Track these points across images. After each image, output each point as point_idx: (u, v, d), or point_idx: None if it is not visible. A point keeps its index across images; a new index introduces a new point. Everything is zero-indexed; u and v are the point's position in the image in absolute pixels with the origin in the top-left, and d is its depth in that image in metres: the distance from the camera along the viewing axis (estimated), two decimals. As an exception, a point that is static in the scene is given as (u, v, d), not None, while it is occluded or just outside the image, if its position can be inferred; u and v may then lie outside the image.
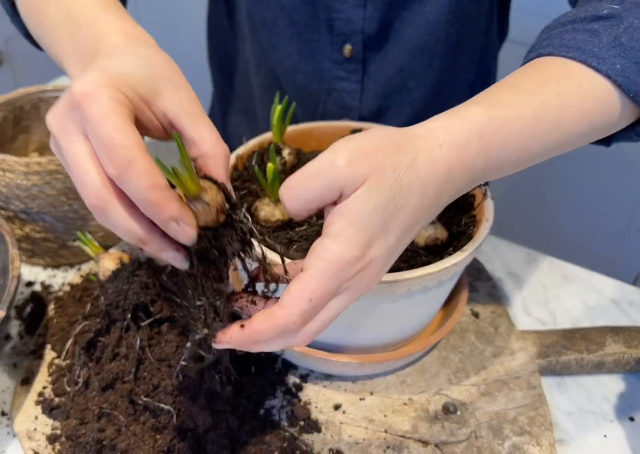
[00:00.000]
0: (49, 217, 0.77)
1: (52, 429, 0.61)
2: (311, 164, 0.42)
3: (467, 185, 0.47)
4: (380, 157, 0.41)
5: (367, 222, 0.41)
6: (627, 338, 0.72)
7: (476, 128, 0.45)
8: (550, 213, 1.81)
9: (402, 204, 0.42)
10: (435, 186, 0.44)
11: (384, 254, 0.43)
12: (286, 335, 0.42)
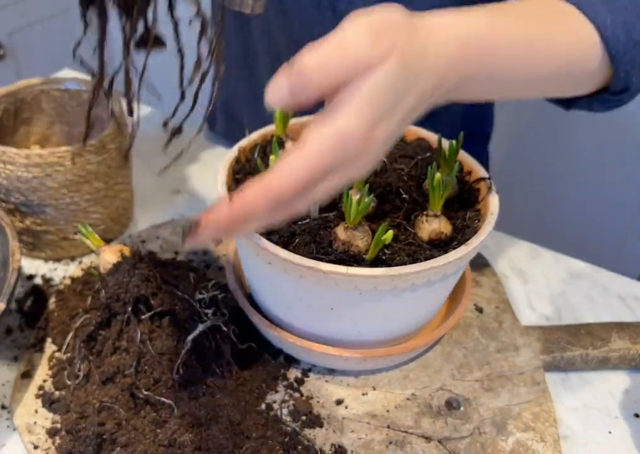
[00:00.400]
0: (50, 210, 0.77)
1: (52, 422, 0.61)
2: (342, 37, 0.39)
3: (452, 90, 0.46)
4: (402, 37, 0.40)
5: (381, 99, 0.40)
6: (632, 334, 0.71)
7: (477, 33, 0.46)
8: (554, 208, 1.80)
9: (410, 89, 0.42)
10: (436, 78, 0.44)
11: (385, 136, 0.42)
12: (279, 205, 0.40)
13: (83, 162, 0.75)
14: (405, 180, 0.68)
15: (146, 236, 0.83)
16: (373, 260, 0.58)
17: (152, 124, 1.12)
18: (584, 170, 1.70)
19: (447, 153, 0.65)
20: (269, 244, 0.57)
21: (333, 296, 0.58)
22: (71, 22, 2.12)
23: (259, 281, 0.64)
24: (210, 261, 0.79)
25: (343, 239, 0.58)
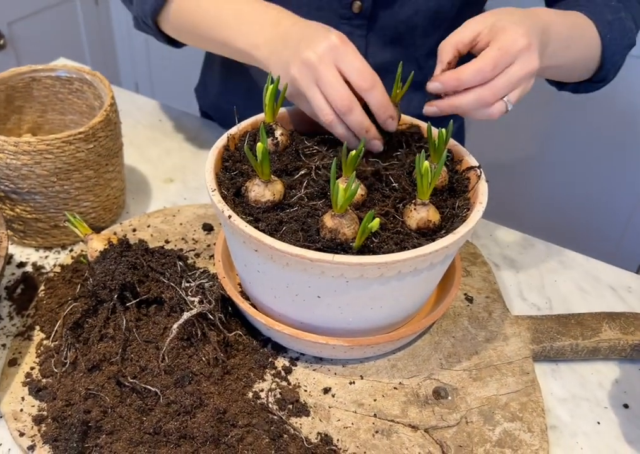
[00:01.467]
0: (40, 198, 0.77)
1: (38, 410, 0.61)
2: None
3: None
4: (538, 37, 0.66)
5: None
6: (623, 325, 0.71)
7: (563, 37, 0.71)
8: (552, 202, 1.79)
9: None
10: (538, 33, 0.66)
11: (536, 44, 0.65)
12: (483, 76, 0.62)
13: (73, 150, 0.74)
14: (395, 169, 0.68)
15: (137, 224, 0.83)
16: (360, 248, 0.58)
17: (145, 113, 1.12)
18: (583, 160, 1.69)
19: (436, 142, 0.64)
20: (255, 232, 0.57)
21: (320, 284, 0.58)
22: (70, 12, 2.11)
23: (247, 269, 0.64)
24: (200, 250, 0.79)
25: (330, 227, 0.58)
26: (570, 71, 0.77)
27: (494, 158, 1.58)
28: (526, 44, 0.63)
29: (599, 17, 0.75)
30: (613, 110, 1.55)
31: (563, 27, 0.71)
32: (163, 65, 2.31)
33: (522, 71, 0.63)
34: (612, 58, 0.77)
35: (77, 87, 0.89)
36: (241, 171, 0.67)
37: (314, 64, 0.64)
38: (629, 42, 0.77)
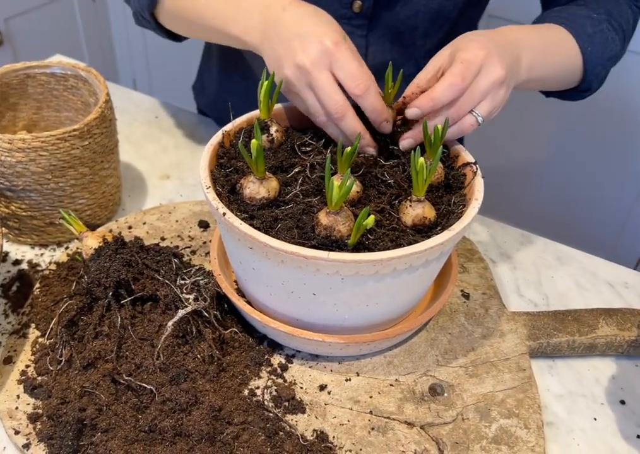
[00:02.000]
0: (35, 195, 0.76)
1: (33, 408, 0.60)
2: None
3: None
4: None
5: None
6: (620, 321, 0.71)
7: (537, 54, 0.72)
8: (550, 198, 1.79)
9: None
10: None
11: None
12: (455, 89, 0.62)
13: (67, 148, 0.74)
14: (392, 165, 0.68)
15: (132, 221, 0.82)
16: (356, 245, 0.58)
17: (141, 110, 1.11)
18: (581, 156, 1.69)
19: (432, 138, 0.64)
20: (250, 229, 0.56)
21: (315, 281, 0.57)
22: (68, 8, 2.10)
23: (242, 267, 0.63)
24: (196, 247, 0.79)
25: (325, 224, 0.57)
26: (553, 82, 0.79)
27: (492, 156, 1.58)
28: (485, 54, 0.64)
29: (579, 31, 0.77)
30: (612, 106, 1.55)
31: (535, 40, 0.73)
32: (161, 62, 2.30)
33: (486, 81, 0.64)
34: (594, 70, 0.78)
35: (73, 84, 0.88)
36: (236, 168, 0.66)
37: (307, 70, 0.63)
38: (611, 54, 0.79)
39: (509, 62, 0.66)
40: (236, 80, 1.02)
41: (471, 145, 1.10)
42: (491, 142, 1.68)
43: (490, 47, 0.65)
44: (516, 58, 0.69)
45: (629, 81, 1.48)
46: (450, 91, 0.62)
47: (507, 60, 0.66)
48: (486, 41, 0.66)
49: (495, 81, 0.64)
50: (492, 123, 1.64)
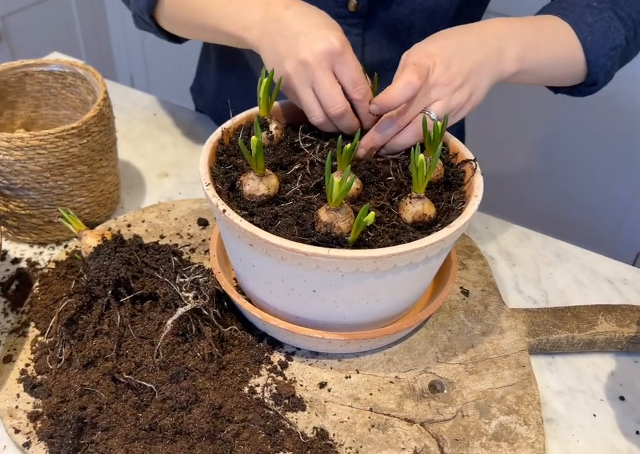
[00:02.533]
0: (34, 193, 0.76)
1: (33, 406, 0.60)
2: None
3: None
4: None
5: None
6: (619, 317, 0.71)
7: (528, 45, 0.71)
8: (549, 194, 1.79)
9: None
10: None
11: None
12: (412, 86, 0.62)
13: (66, 146, 0.74)
14: (391, 162, 0.68)
15: (131, 219, 0.82)
16: (356, 242, 0.58)
17: (139, 108, 1.11)
18: (580, 153, 1.69)
19: (432, 135, 0.64)
20: (250, 226, 0.56)
21: (315, 278, 0.57)
22: (65, 6, 2.10)
23: (242, 264, 0.63)
24: (195, 245, 0.79)
25: (325, 221, 0.57)
26: (553, 75, 0.77)
27: (492, 153, 1.58)
28: (430, 61, 0.64)
29: (578, 21, 0.75)
30: (611, 104, 1.55)
31: (525, 31, 0.71)
32: (159, 58, 2.30)
33: (433, 84, 0.64)
34: (598, 61, 0.76)
35: (71, 82, 0.88)
36: (235, 165, 0.66)
37: (311, 66, 0.64)
38: (616, 43, 0.76)
39: (472, 59, 0.66)
40: (234, 81, 1.02)
41: (471, 142, 1.10)
42: (491, 139, 1.68)
43: (436, 52, 0.65)
44: (494, 51, 0.68)
45: (627, 78, 1.48)
46: (406, 89, 0.62)
47: (467, 58, 0.66)
48: (435, 47, 0.66)
49: (440, 84, 0.64)
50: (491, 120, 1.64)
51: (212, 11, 0.74)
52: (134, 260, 0.64)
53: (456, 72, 0.65)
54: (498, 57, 0.69)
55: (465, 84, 0.66)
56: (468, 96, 0.67)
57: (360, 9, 0.85)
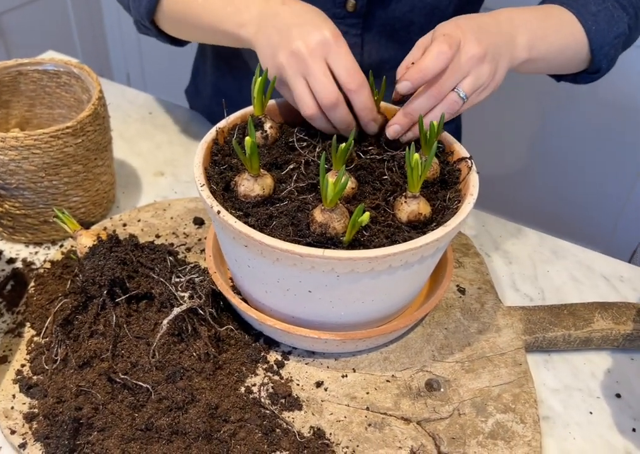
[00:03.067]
0: (29, 193, 0.76)
1: (29, 407, 0.60)
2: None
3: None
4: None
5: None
6: (615, 315, 0.71)
7: (536, 33, 0.72)
8: (545, 192, 1.79)
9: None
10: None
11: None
12: (445, 57, 0.61)
13: (61, 145, 0.74)
14: (387, 161, 0.68)
15: (127, 219, 0.82)
16: (351, 242, 0.58)
17: (135, 106, 1.11)
18: (576, 150, 1.69)
19: (427, 133, 0.64)
20: (245, 227, 0.56)
21: (311, 278, 0.57)
22: (60, 4, 2.09)
23: (238, 264, 0.63)
24: (191, 245, 0.78)
25: (320, 221, 0.57)
26: (559, 63, 0.77)
27: (487, 150, 1.58)
28: (461, 32, 0.64)
29: (582, 10, 0.75)
30: (607, 101, 1.55)
31: (533, 20, 0.72)
32: (155, 57, 2.29)
33: (465, 57, 0.63)
34: (602, 50, 0.77)
35: (65, 81, 0.88)
36: (230, 165, 0.66)
37: (303, 56, 0.64)
38: (619, 31, 0.77)
39: (493, 41, 0.66)
40: (230, 81, 1.02)
41: (467, 140, 1.10)
42: (487, 137, 1.68)
43: (466, 27, 0.65)
44: (508, 37, 0.69)
45: (625, 74, 1.47)
46: (439, 59, 0.62)
47: (490, 39, 0.66)
48: (464, 22, 0.66)
49: (472, 56, 0.64)
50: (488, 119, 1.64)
51: (211, 12, 0.74)
52: (130, 260, 0.64)
53: (485, 45, 0.65)
54: (511, 43, 0.69)
55: (491, 59, 0.66)
56: (493, 73, 0.66)
57: (359, 9, 0.84)
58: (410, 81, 0.62)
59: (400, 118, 0.66)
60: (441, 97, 0.64)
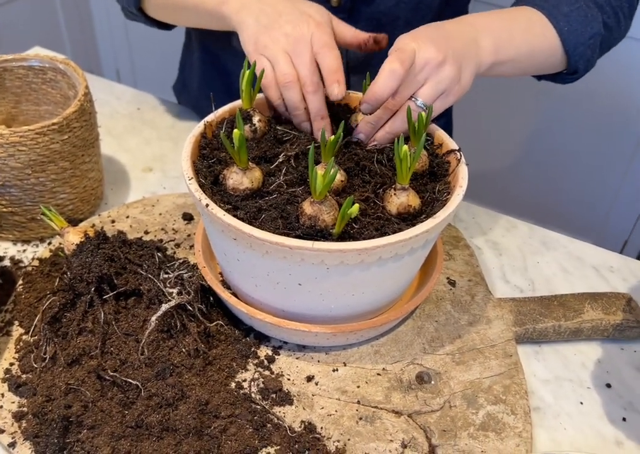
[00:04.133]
0: (15, 191, 0.75)
1: (18, 406, 0.60)
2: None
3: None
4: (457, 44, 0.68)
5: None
6: (605, 305, 0.71)
7: (501, 36, 0.71)
8: (536, 184, 1.80)
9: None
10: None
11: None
12: (396, 75, 0.61)
13: (47, 142, 0.73)
14: (376, 153, 0.67)
15: (115, 215, 0.82)
16: (341, 234, 0.57)
17: (123, 102, 1.10)
18: (568, 141, 1.69)
19: (416, 125, 0.64)
20: (234, 220, 0.56)
21: (301, 271, 0.57)
22: (49, 0, 2.07)
23: (227, 258, 0.63)
24: (180, 240, 0.78)
25: (309, 214, 0.57)
26: (530, 65, 0.76)
27: (477, 142, 1.58)
28: (415, 42, 0.64)
29: (553, 11, 0.74)
30: (597, 92, 1.55)
31: (497, 23, 0.72)
32: (145, 52, 2.28)
33: (421, 63, 0.64)
34: (576, 50, 0.75)
35: (51, 77, 0.87)
36: (219, 158, 0.66)
37: (294, 39, 0.66)
38: (593, 31, 0.75)
39: (454, 45, 0.66)
40: (217, 76, 1.01)
41: (458, 133, 1.10)
42: (477, 128, 1.67)
43: (422, 36, 0.65)
44: (470, 41, 0.68)
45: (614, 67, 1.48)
46: (390, 79, 0.62)
47: (450, 44, 0.65)
48: (421, 32, 0.66)
49: (428, 62, 0.64)
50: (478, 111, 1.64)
51: None
52: (117, 257, 0.63)
53: (444, 49, 0.64)
54: (475, 47, 0.68)
55: (453, 62, 0.65)
56: (457, 77, 0.66)
57: (343, 3, 0.84)
58: (368, 104, 0.63)
59: (362, 127, 0.68)
60: (397, 107, 0.65)
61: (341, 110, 0.73)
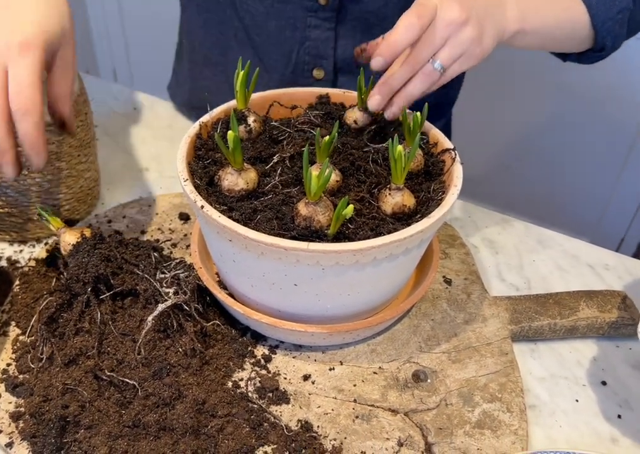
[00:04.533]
0: (12, 191, 0.75)
1: (15, 406, 0.60)
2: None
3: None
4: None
5: None
6: (600, 303, 0.71)
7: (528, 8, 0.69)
8: (532, 182, 1.80)
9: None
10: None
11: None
12: (413, 29, 0.59)
13: (43, 142, 0.73)
14: (371, 153, 0.67)
15: (112, 215, 0.82)
16: (336, 235, 0.58)
17: (120, 102, 1.10)
18: (563, 139, 1.69)
19: (411, 125, 0.64)
20: (229, 222, 0.56)
21: (296, 272, 0.57)
22: None
23: (223, 259, 0.63)
24: (177, 240, 0.78)
25: (304, 214, 0.57)
26: (556, 39, 0.74)
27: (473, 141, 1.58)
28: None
29: None
30: (593, 90, 1.55)
31: (541, 8, 0.69)
32: (142, 53, 2.27)
33: (441, 22, 0.61)
34: (604, 25, 0.73)
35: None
36: (214, 159, 0.66)
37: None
38: (622, 5, 0.73)
39: (479, 5, 0.63)
40: (208, 76, 1.01)
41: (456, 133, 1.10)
42: (472, 126, 1.68)
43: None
44: (498, 4, 0.66)
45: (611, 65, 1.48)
46: (407, 31, 0.59)
47: (475, 3, 0.62)
48: None
49: (450, 22, 0.61)
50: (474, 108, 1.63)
51: None
52: (114, 257, 0.64)
53: (467, 8, 0.61)
54: (502, 11, 0.66)
55: (475, 23, 0.62)
56: (478, 39, 0.63)
57: (331, 2, 0.83)
58: (382, 56, 0.60)
59: (378, 88, 0.64)
60: (416, 68, 0.62)
61: (335, 109, 0.74)
